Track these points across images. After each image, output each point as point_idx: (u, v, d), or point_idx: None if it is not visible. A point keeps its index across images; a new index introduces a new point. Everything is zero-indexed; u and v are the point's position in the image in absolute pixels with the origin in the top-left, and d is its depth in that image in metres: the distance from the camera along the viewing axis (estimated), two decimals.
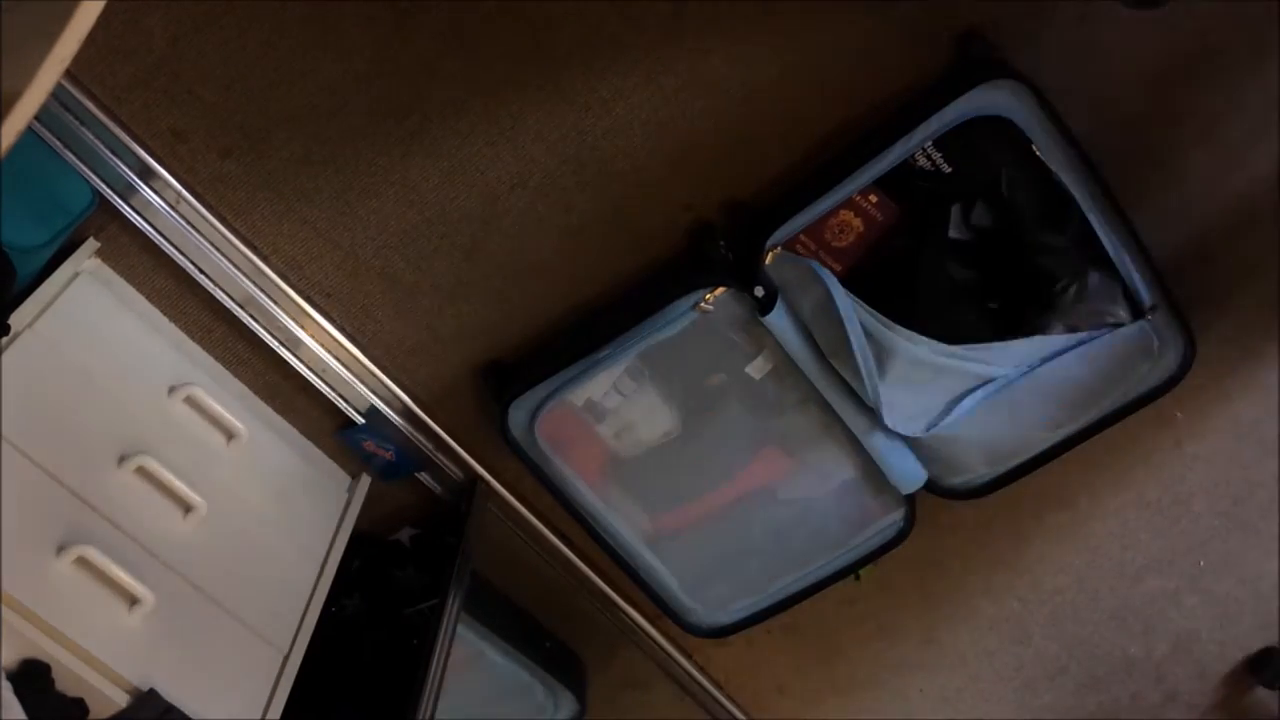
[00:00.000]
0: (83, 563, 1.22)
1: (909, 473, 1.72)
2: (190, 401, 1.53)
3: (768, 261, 1.48)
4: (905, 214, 1.52)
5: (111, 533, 1.30)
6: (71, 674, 1.15)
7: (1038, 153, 1.43)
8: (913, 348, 1.48)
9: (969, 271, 1.55)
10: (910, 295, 1.51)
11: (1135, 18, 1.43)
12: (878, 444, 1.67)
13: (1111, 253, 1.48)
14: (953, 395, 1.55)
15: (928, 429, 1.59)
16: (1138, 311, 1.51)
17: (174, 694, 1.23)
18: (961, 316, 1.53)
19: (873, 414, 1.62)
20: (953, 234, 1.53)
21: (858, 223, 1.52)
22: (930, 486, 1.75)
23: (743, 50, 1.44)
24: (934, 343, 1.48)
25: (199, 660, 1.33)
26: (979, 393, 1.54)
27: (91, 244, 1.48)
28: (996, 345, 1.50)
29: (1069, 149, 1.43)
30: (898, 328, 1.47)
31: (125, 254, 1.52)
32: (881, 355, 1.49)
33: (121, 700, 1.19)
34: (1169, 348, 1.54)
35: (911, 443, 1.67)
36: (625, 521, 1.78)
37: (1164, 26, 1.45)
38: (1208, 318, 1.65)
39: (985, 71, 1.40)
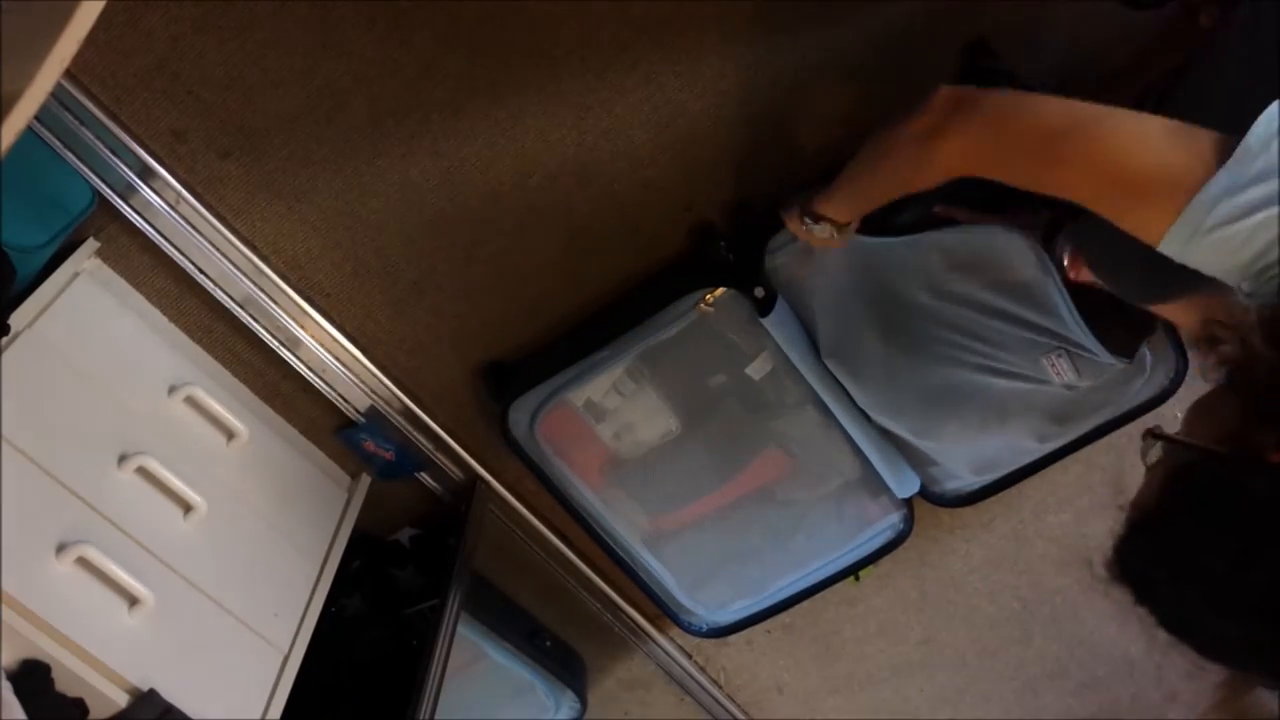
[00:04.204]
0: (83, 563, 1.22)
1: (903, 478, 1.72)
2: (190, 401, 1.53)
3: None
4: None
5: (111, 533, 1.30)
6: (71, 674, 1.15)
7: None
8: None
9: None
10: None
11: (1136, 17, 1.43)
12: (872, 449, 1.67)
13: None
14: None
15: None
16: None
17: (174, 694, 1.23)
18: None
19: (868, 418, 1.63)
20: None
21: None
22: (923, 492, 1.75)
23: (743, 50, 1.44)
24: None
25: (199, 660, 1.33)
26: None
27: (91, 244, 1.48)
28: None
29: None
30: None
31: (125, 254, 1.51)
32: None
33: (121, 700, 1.19)
34: (1161, 363, 1.53)
35: (903, 448, 1.68)
36: (625, 522, 1.78)
37: (1165, 26, 1.45)
38: None
39: (990, 79, 1.39)
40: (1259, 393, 0.77)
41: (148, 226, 1.48)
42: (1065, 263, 1.31)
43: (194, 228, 1.49)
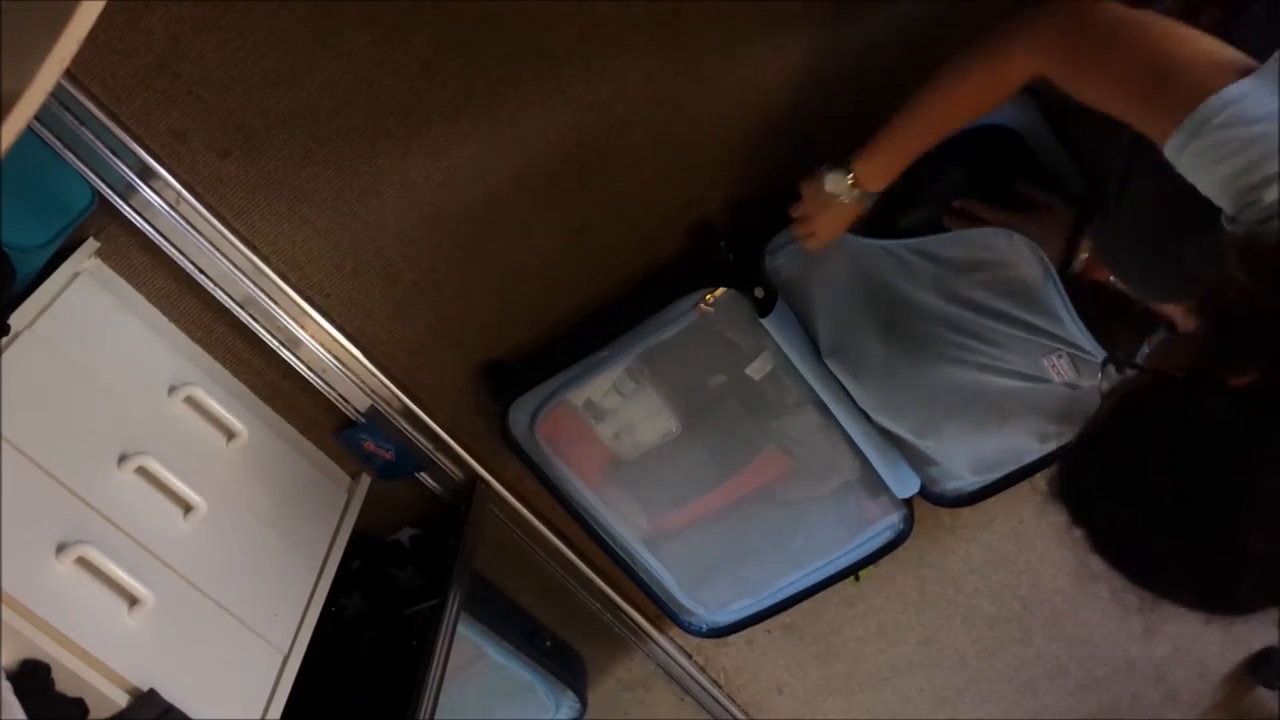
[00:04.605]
0: (83, 563, 1.22)
1: (902, 478, 1.72)
2: (190, 401, 1.53)
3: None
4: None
5: (111, 533, 1.30)
6: (71, 674, 1.15)
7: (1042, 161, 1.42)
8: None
9: None
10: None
11: None
12: (872, 449, 1.67)
13: None
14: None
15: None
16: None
17: (174, 694, 1.23)
18: None
19: (868, 418, 1.63)
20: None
21: None
22: (923, 492, 1.75)
23: (743, 50, 1.44)
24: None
25: (199, 660, 1.33)
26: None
27: (91, 244, 1.48)
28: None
29: (1072, 161, 1.43)
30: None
31: (125, 254, 1.52)
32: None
33: (121, 700, 1.19)
34: None
35: (903, 448, 1.67)
36: (625, 522, 1.78)
37: None
38: None
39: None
40: (1229, 319, 0.78)
41: (148, 226, 1.48)
42: (1084, 262, 1.31)
43: (194, 228, 1.49)
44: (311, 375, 1.66)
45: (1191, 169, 0.86)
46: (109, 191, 1.44)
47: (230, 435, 1.57)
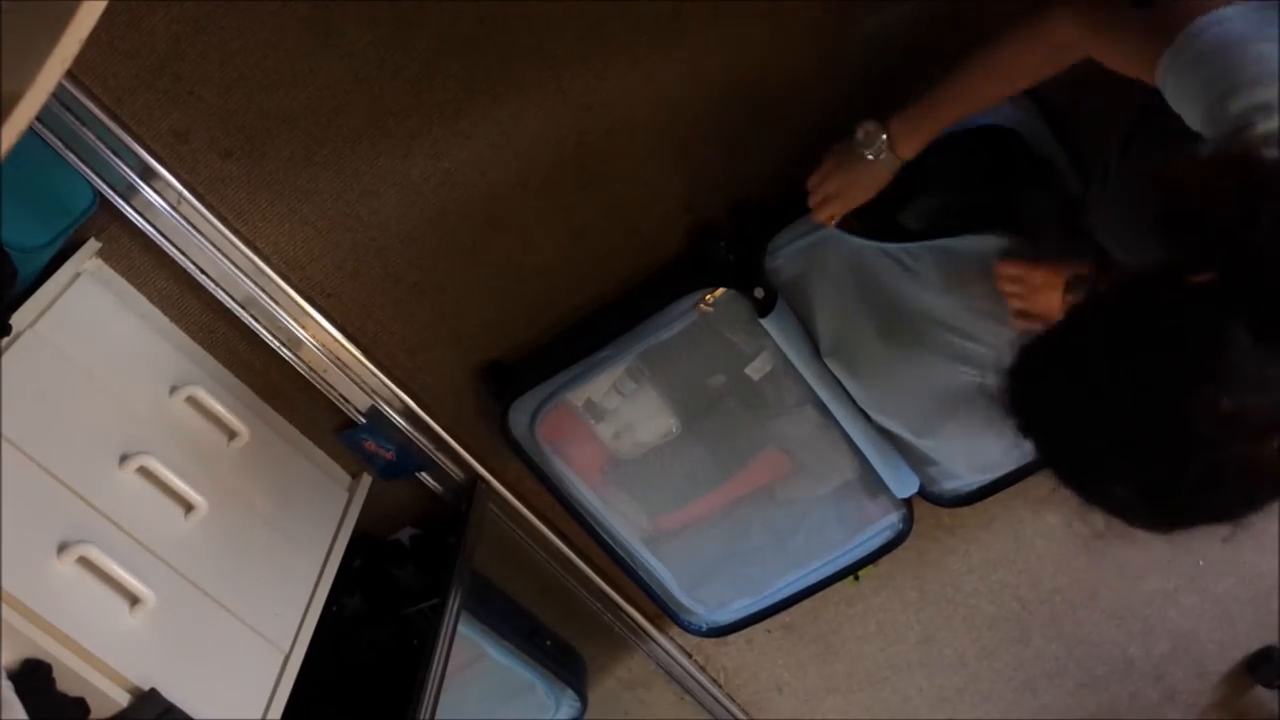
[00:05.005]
0: (84, 562, 1.22)
1: (902, 478, 1.72)
2: (191, 401, 1.53)
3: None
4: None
5: (112, 532, 1.30)
6: (72, 673, 1.16)
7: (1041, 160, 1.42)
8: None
9: None
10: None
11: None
12: (871, 449, 1.67)
13: None
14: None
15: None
16: None
17: (174, 694, 1.23)
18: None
19: (868, 418, 1.63)
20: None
21: None
22: (922, 492, 1.75)
23: (743, 51, 1.45)
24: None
25: (199, 660, 1.33)
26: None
27: (93, 244, 1.48)
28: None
29: (1071, 161, 1.43)
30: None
31: (126, 254, 1.52)
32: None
33: (122, 700, 1.19)
34: None
35: (903, 448, 1.68)
36: (625, 521, 1.79)
37: None
38: None
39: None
40: (1190, 217, 0.78)
41: (149, 227, 1.48)
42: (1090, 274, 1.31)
43: (195, 228, 1.49)
44: (312, 375, 1.66)
45: (1174, 88, 0.88)
46: (110, 192, 1.44)
47: (231, 435, 1.57)
